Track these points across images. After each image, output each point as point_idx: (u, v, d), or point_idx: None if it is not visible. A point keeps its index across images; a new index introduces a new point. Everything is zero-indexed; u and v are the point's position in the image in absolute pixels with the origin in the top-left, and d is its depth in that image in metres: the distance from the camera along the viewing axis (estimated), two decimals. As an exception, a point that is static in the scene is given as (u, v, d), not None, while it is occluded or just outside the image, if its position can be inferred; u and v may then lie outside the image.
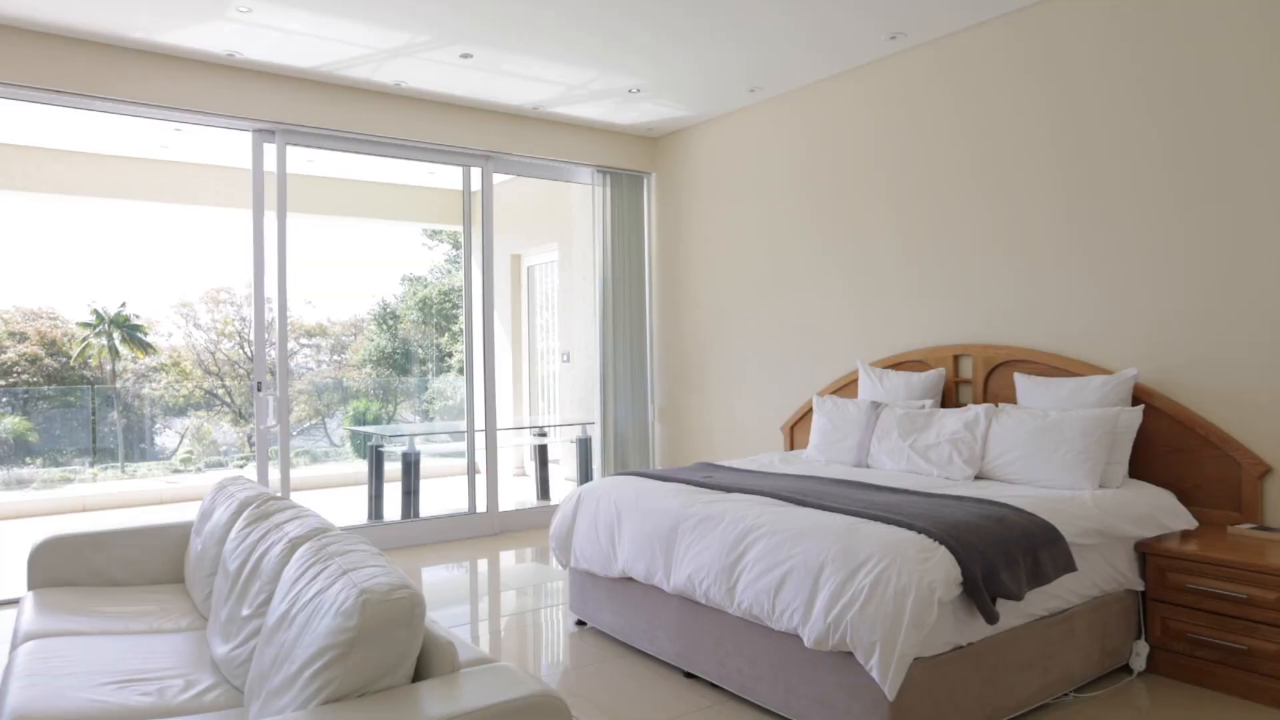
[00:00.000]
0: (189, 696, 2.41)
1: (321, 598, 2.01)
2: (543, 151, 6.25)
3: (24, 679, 2.41)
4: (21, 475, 12.16)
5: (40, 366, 16.52)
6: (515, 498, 7.57)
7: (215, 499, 3.43)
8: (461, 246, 16.64)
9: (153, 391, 16.86)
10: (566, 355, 8.15)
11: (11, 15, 4.37)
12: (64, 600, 3.14)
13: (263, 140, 5.36)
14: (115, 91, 4.81)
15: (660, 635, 3.46)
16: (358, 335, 18.20)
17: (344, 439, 15.61)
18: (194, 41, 4.76)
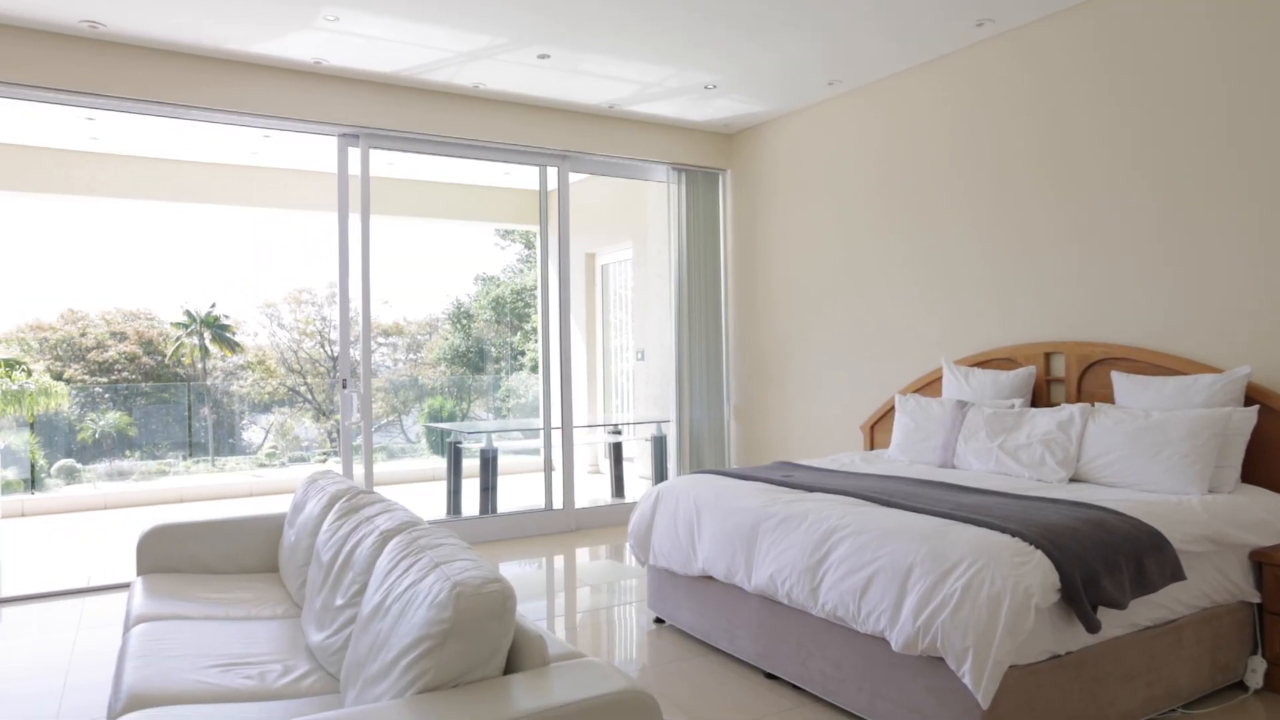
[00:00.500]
0: (287, 681, 2.49)
1: (415, 589, 2.05)
2: (618, 150, 6.27)
3: (137, 659, 2.53)
4: (122, 467, 12.74)
5: (138, 364, 17.33)
6: (589, 495, 7.63)
7: (307, 492, 3.54)
8: (533, 246, 16.83)
9: (240, 388, 17.52)
10: (641, 353, 8.16)
11: (127, 34, 4.59)
12: (169, 586, 3.29)
13: (347, 144, 5.51)
14: (213, 101, 5.01)
15: (740, 635, 3.44)
16: (432, 334, 18.58)
17: (419, 435, 15.94)
18: (284, 51, 4.92)
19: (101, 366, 16.88)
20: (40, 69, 4.63)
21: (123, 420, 13.54)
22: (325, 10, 4.38)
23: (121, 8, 4.30)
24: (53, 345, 16.30)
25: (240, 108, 5.09)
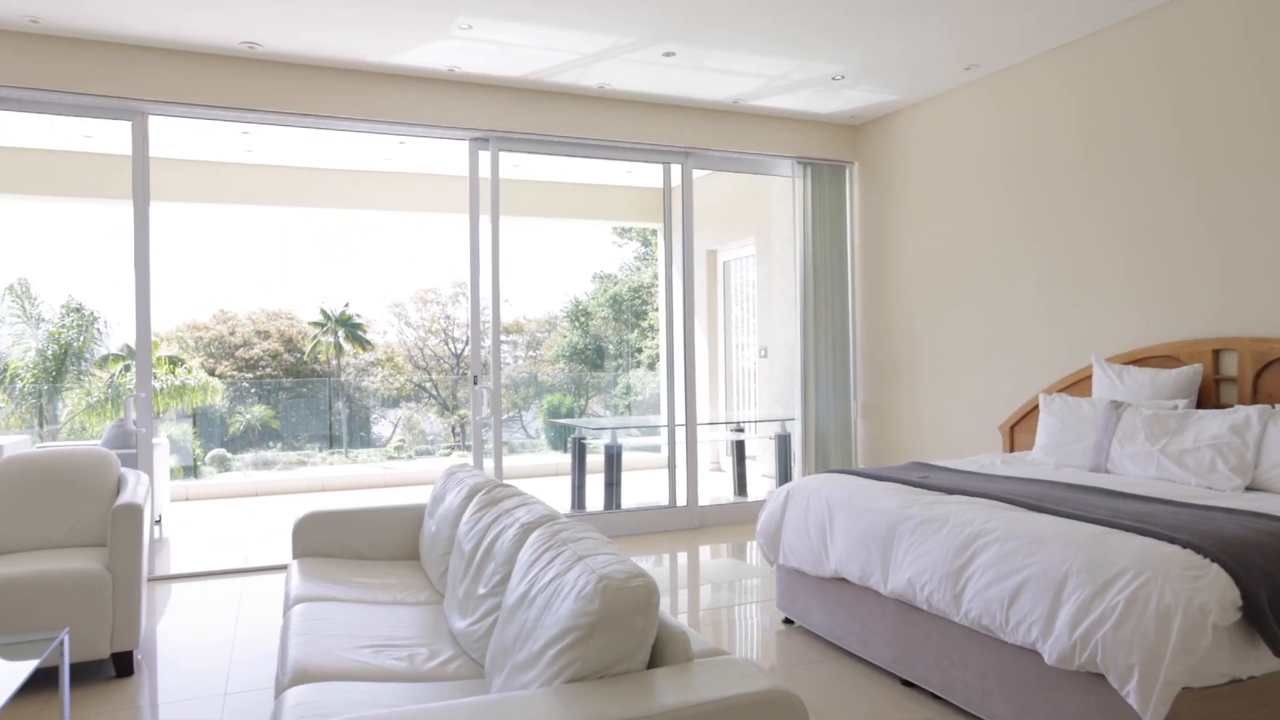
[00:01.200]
0: (434, 665, 2.59)
1: (560, 582, 2.09)
2: (742, 145, 6.22)
3: (299, 636, 2.68)
4: (267, 457, 13.52)
5: (280, 361, 18.45)
6: (711, 493, 7.61)
7: (446, 484, 3.67)
8: (651, 244, 16.92)
9: (370, 384, 18.39)
10: (764, 350, 8.08)
11: (280, 53, 4.88)
12: (322, 569, 3.47)
13: (478, 148, 5.67)
14: (354, 112, 5.27)
15: (875, 639, 3.35)
16: (551, 331, 18.98)
17: (538, 431, 16.29)
18: (419, 61, 5.12)
19: (248, 363, 18.06)
20: (204, 90, 4.97)
21: (267, 413, 14.40)
22: (460, 19, 4.52)
23: (278, 28, 4.58)
24: (206, 343, 17.55)
25: (379, 116, 5.33)
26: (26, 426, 11.38)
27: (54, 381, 11.73)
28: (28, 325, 11.77)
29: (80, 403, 11.58)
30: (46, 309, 12.00)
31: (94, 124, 6.06)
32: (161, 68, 4.89)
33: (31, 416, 11.40)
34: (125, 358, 12.61)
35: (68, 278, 15.13)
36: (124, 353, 12.74)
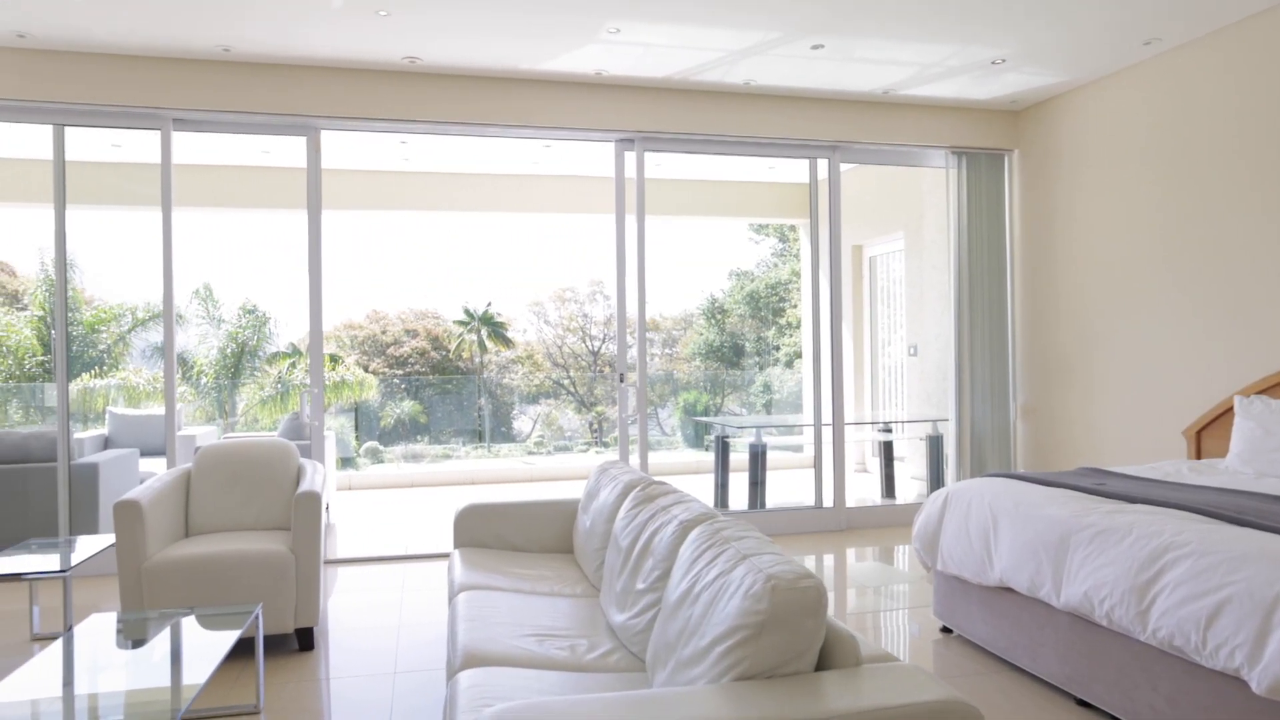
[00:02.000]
0: (595, 656, 2.64)
1: (725, 580, 2.09)
2: (891, 137, 6.03)
3: (467, 622, 2.80)
4: (415, 450, 14.18)
5: (427, 358, 19.36)
6: (856, 494, 7.43)
7: (599, 480, 3.74)
8: (788, 239, 16.67)
9: (511, 381, 19.02)
10: (913, 348, 7.81)
11: (438, 65, 5.12)
12: (481, 559, 3.62)
13: (623, 149, 5.75)
14: (505, 118, 5.45)
15: (1046, 654, 3.17)
16: (687, 329, 19.04)
17: (674, 429, 16.38)
18: (567, 66, 5.24)
19: (398, 360, 19.05)
20: (369, 104, 5.28)
21: (415, 408, 15.11)
22: (608, 24, 4.60)
23: (437, 42, 4.80)
24: (360, 342, 18.63)
25: (528, 122, 5.49)
26: (208, 419, 12.42)
27: (232, 377, 12.76)
28: (210, 326, 12.85)
29: (254, 397, 12.54)
30: (226, 311, 13.06)
31: (271, 140, 6.53)
32: (332, 85, 5.21)
33: (213, 409, 12.44)
34: (290, 355, 13.56)
35: (243, 282, 16.42)
36: (289, 350, 13.70)
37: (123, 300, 12.47)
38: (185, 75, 5.05)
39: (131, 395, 11.02)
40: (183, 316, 12.53)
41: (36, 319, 11.89)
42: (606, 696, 1.85)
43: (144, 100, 5.01)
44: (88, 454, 5.60)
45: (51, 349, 11.61)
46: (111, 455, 5.62)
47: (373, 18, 4.47)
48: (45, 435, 5.29)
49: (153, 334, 12.20)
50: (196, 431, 7.66)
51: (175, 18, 4.45)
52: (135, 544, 3.55)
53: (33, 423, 10.94)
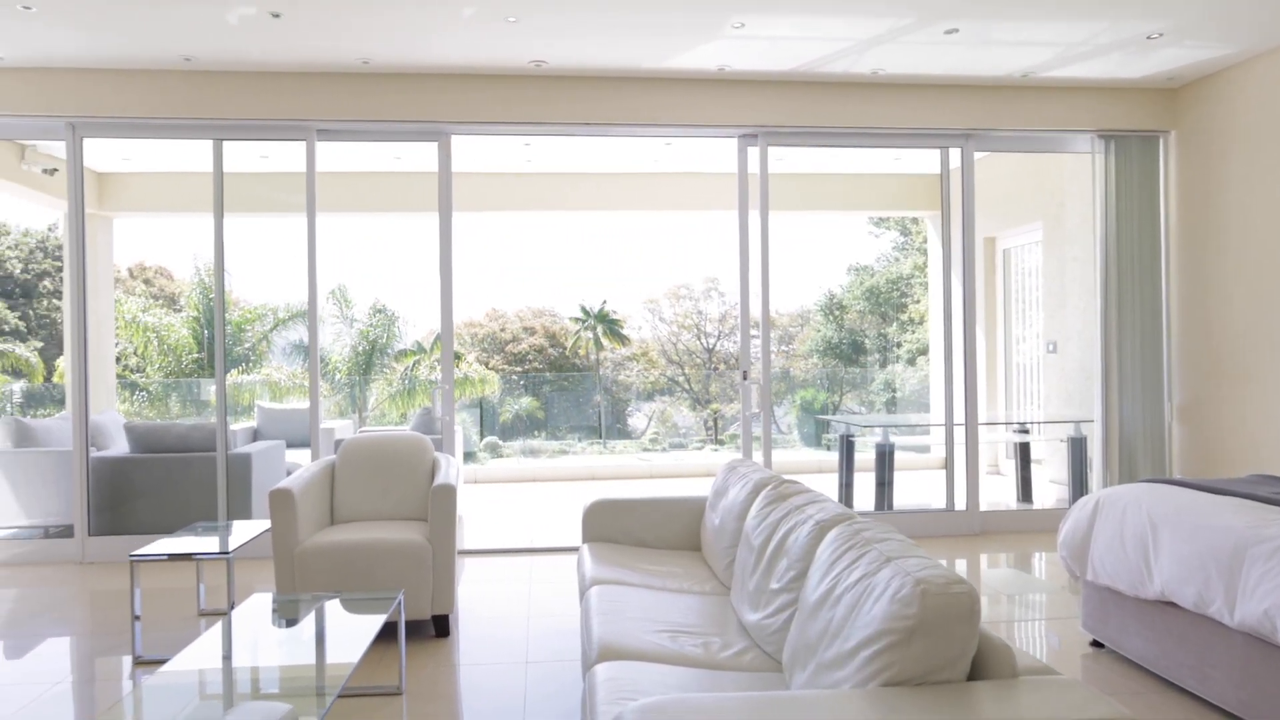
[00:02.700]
0: (729, 654, 2.63)
1: (870, 582, 2.04)
2: (1030, 122, 5.74)
3: (600, 616, 2.84)
4: (533, 445, 14.51)
5: (544, 355, 19.80)
6: (989, 497, 7.13)
7: (727, 478, 3.72)
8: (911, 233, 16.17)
9: (626, 378, 19.20)
10: (1052, 345, 7.42)
11: (563, 67, 5.21)
12: (610, 554, 3.66)
13: (746, 144, 5.70)
14: (628, 118, 5.50)
15: (1216, 676, 2.95)
16: (804, 326, 18.74)
17: (790, 427, 16.17)
18: (690, 63, 5.23)
19: (516, 358, 19.55)
20: (496, 108, 5.43)
21: (533, 404, 15.45)
22: (733, 19, 4.56)
23: (563, 45, 4.88)
24: (480, 339, 19.22)
25: (650, 120, 5.52)
26: (341, 413, 13.08)
27: (364, 374, 13.39)
28: (344, 325, 13.54)
29: (383, 392, 13.12)
30: (358, 311, 13.73)
31: (402, 146, 6.80)
32: (461, 91, 5.38)
33: (346, 404, 13.09)
34: (415, 353, 14.12)
35: (374, 282, 17.23)
36: (414, 348, 14.27)
37: (265, 301, 13.27)
38: (328, 87, 5.32)
39: (274, 390, 11.73)
40: (320, 317, 13.26)
41: (191, 319, 12.81)
42: (751, 696, 1.83)
43: (292, 113, 5.31)
44: (240, 445, 5.99)
45: (205, 347, 12.50)
46: (262, 446, 6.00)
47: (501, 24, 4.58)
48: (205, 427, 5.69)
49: (292, 333, 12.93)
50: (334, 425, 8.08)
51: (320, 34, 4.69)
52: (288, 530, 3.77)
53: (189, 415, 11.81)
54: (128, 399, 11.83)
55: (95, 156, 7.35)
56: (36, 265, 16.22)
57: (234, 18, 4.45)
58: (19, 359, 13.33)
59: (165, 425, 5.82)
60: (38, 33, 4.63)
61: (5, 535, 5.74)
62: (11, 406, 11.17)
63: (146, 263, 16.89)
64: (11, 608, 4.50)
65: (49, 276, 16.15)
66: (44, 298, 16.04)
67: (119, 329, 11.49)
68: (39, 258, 16.23)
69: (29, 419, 6.48)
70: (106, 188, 7.93)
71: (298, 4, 4.30)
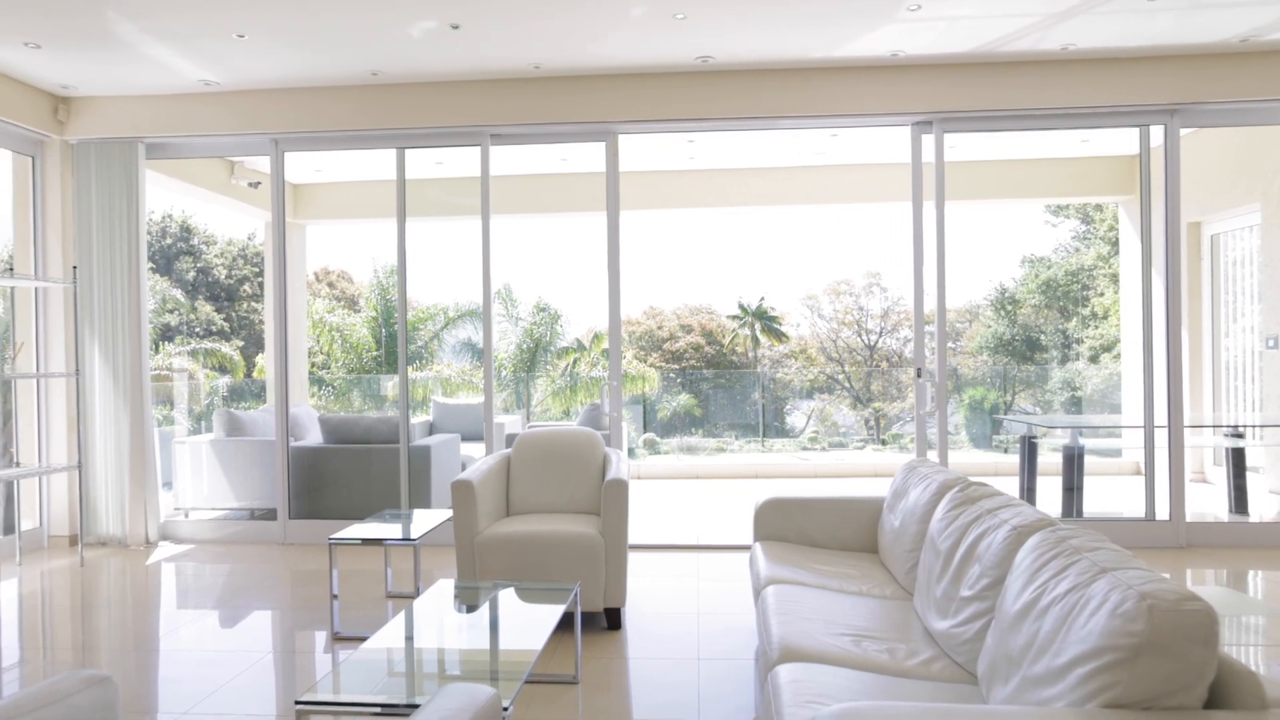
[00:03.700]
0: (917, 662, 2.51)
1: (1082, 594, 1.89)
2: (1251, 92, 5.16)
3: (778, 616, 2.78)
4: (690, 443, 14.55)
5: (701, 353, 19.83)
6: (1195, 507, 6.51)
7: (907, 479, 3.57)
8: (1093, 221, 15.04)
9: (784, 376, 18.93)
10: (1272, 340, 6.67)
11: (729, 61, 5.17)
12: (784, 554, 3.59)
13: (920, 132, 5.46)
14: (795, 109, 5.39)
15: None
16: (973, 322, 17.84)
17: (958, 427, 15.42)
18: (861, 50, 5.06)
19: (673, 355, 19.69)
20: (662, 106, 5.45)
21: (690, 402, 15.50)
22: (908, 1, 4.37)
23: (731, 39, 4.84)
24: (638, 337, 19.48)
25: (818, 111, 5.38)
26: (505, 409, 13.61)
27: (529, 370, 13.89)
28: (509, 323, 14.09)
29: (547, 388, 13.55)
30: (522, 309, 14.25)
31: (568, 148, 6.97)
32: (629, 91, 5.45)
33: (512, 400, 13.60)
34: (576, 350, 14.48)
35: (537, 282, 17.85)
36: (575, 345, 14.64)
37: (436, 301, 14.00)
38: (501, 93, 5.52)
39: (446, 386, 12.37)
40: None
41: (370, 319, 13.71)
42: (956, 709, 1.74)
43: (467, 119, 5.56)
44: (418, 438, 6.33)
45: (382, 345, 13.34)
46: (439, 439, 6.31)
47: (669, 21, 4.60)
48: (389, 421, 6.05)
49: (461, 331, 13.57)
50: (504, 420, 8.41)
51: (495, 42, 4.87)
52: (469, 519, 3.94)
53: (368, 409, 12.65)
54: (315, 393, 12.79)
55: (291, 169, 7.98)
56: (238, 271, 17.85)
57: (417, 31, 4.70)
58: (224, 356, 14.73)
59: (354, 418, 6.24)
60: (247, 58, 5.07)
61: (218, 516, 6.33)
62: (217, 400, 12.35)
63: (330, 267, 18.20)
64: (225, 582, 4.96)
65: (248, 281, 17.73)
66: (244, 300, 17.63)
67: (308, 329, 12.44)
68: (240, 264, 17.85)
69: (236, 411, 7.12)
70: (300, 198, 8.59)
71: (476, 15, 4.49)
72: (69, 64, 5.13)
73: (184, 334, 16.26)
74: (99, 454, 5.74)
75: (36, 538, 5.76)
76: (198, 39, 4.75)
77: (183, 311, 16.62)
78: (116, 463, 5.73)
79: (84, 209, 5.76)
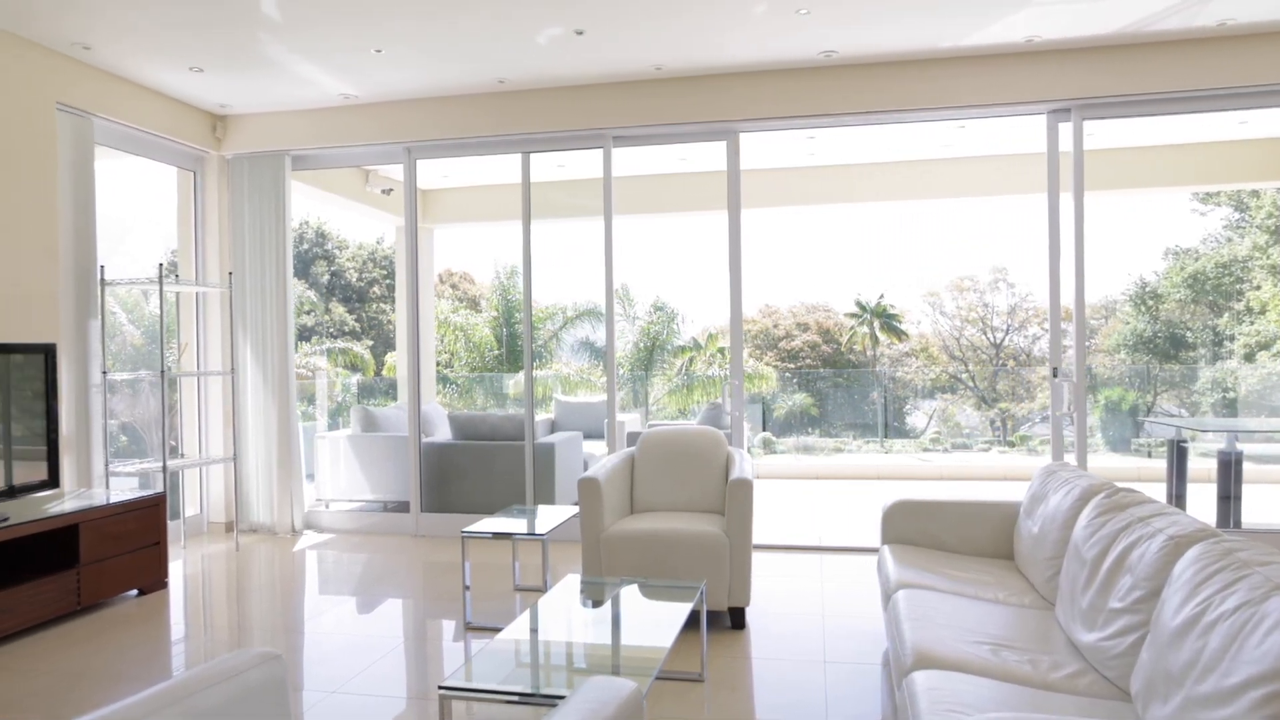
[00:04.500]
0: (1062, 676, 2.40)
1: (1255, 611, 1.77)
2: None
3: (910, 621, 2.72)
4: (806, 443, 14.34)
5: (818, 352, 19.51)
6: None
7: (1046, 484, 3.42)
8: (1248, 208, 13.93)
9: (904, 375, 18.39)
10: None
11: (854, 55, 5.08)
12: (914, 557, 3.50)
13: (1057, 120, 5.20)
14: (921, 102, 5.23)
15: None
16: (1109, 318, 16.85)
17: (1093, 429, 14.60)
18: (992, 37, 4.86)
19: (789, 354, 19.44)
20: (783, 103, 5.40)
21: (806, 401, 15.26)
22: (1044, -20, 4.18)
23: (856, 32, 4.75)
24: (753, 336, 19.32)
25: (947, 102, 5.21)
26: (622, 407, 13.77)
27: (645, 369, 14.01)
28: (626, 322, 14.25)
29: (663, 387, 13.63)
30: (639, 308, 14.39)
31: (687, 148, 6.99)
32: (750, 89, 5.42)
33: (629, 399, 13.75)
34: (691, 349, 14.50)
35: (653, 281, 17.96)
36: (690, 344, 14.66)
37: (555, 301, 14.30)
38: (623, 95, 5.60)
39: (565, 384, 12.62)
40: (603, 314, 14.08)
41: (492, 319, 14.14)
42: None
43: (590, 123, 5.66)
44: (540, 436, 6.50)
45: (503, 344, 13.74)
46: (562, 437, 6.46)
47: (792, 17, 4.55)
48: (514, 418, 6.23)
49: (579, 330, 13.81)
50: (623, 418, 8.51)
51: (618, 46, 4.94)
52: (595, 516, 4.02)
53: (490, 406, 13.05)
54: (440, 391, 13.28)
55: (421, 175, 8.33)
56: (368, 274, 18.73)
57: (543, 39, 4.82)
58: (356, 356, 15.49)
59: (481, 415, 6.46)
60: (384, 72, 5.32)
61: (355, 508, 6.67)
62: (348, 397, 13.00)
63: (453, 269, 18.86)
64: (362, 571, 5.23)
65: (377, 284, 18.59)
66: (373, 302, 18.48)
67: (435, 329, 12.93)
68: (369, 267, 18.72)
69: (371, 408, 7.49)
70: (428, 203, 8.95)
71: (599, 20, 4.57)
72: (226, 85, 5.52)
73: (319, 334, 17.19)
74: (251, 447, 6.16)
75: (197, 523, 6.23)
76: (339, 55, 5.03)
77: (317, 313, 17.58)
78: (266, 455, 6.13)
79: (237, 219, 6.18)
